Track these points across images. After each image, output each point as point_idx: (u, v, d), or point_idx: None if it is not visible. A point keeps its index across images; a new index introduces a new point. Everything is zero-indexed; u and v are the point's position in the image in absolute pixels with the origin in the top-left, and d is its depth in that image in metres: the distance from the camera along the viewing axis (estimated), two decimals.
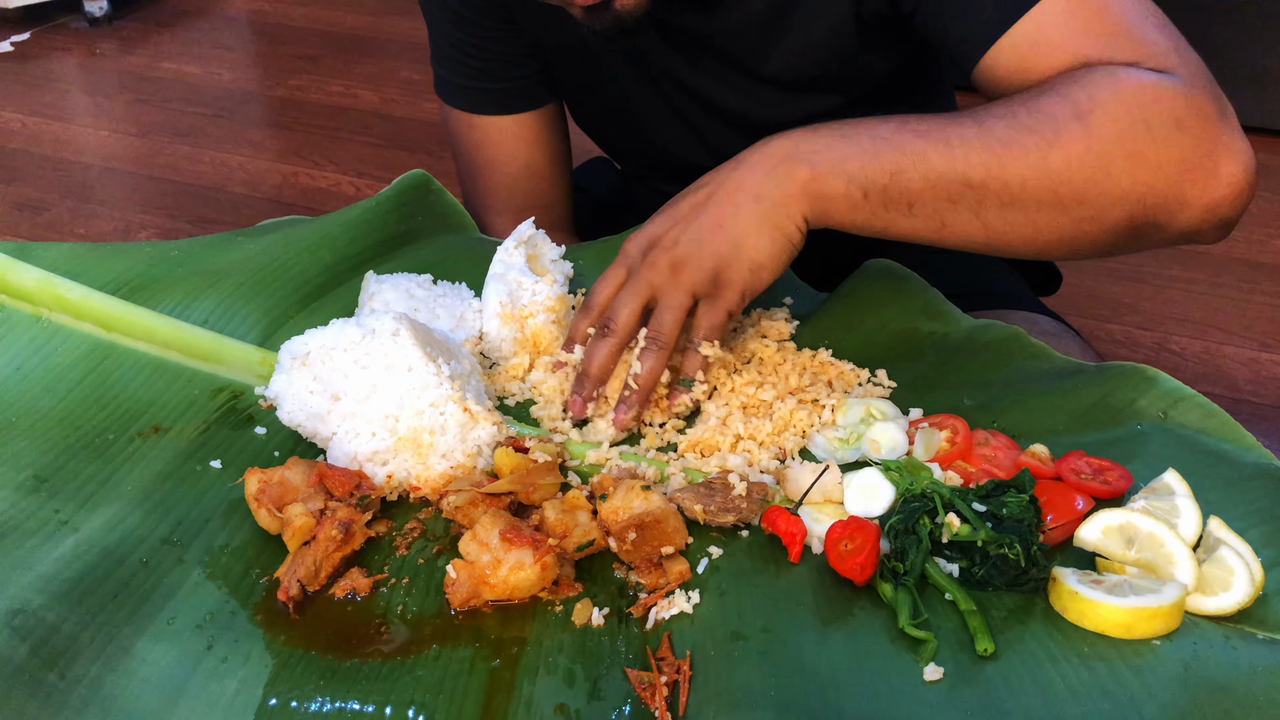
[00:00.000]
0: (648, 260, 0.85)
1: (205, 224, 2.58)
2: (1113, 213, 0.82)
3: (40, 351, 0.92)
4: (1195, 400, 0.84)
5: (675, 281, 0.84)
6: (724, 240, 0.82)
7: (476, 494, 0.76)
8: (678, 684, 0.65)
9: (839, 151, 0.83)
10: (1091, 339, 2.10)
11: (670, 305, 0.84)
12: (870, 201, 0.82)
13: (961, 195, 0.81)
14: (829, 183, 0.82)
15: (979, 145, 0.80)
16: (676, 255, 0.84)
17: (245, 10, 3.80)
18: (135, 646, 0.67)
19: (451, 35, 1.16)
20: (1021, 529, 0.70)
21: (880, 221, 0.84)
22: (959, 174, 0.80)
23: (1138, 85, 0.81)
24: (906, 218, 0.83)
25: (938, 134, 0.82)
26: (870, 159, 0.82)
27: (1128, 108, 0.80)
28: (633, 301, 0.85)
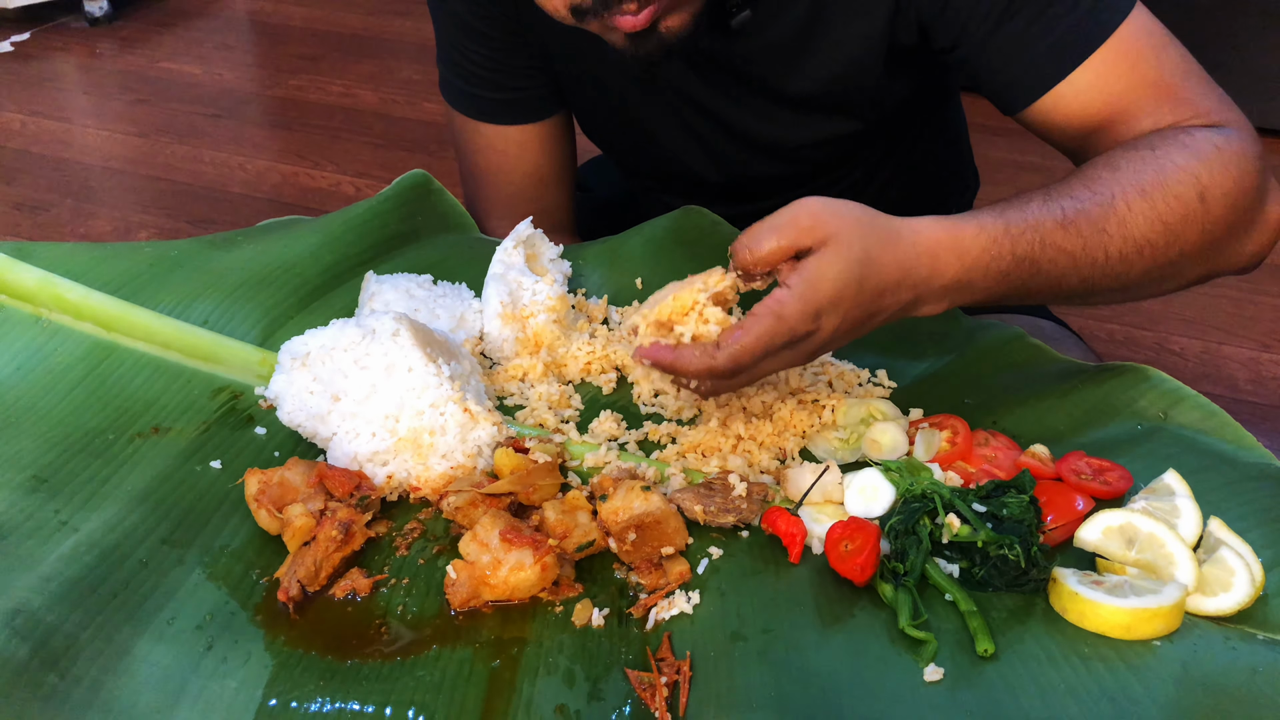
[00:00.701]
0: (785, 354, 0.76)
1: (205, 224, 2.58)
2: (1193, 274, 0.86)
3: (40, 351, 0.92)
4: (1195, 400, 0.84)
5: (804, 357, 0.77)
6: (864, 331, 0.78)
7: (476, 494, 0.76)
8: (678, 684, 0.65)
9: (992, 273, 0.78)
10: (1091, 339, 2.10)
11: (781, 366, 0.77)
12: (991, 298, 0.81)
13: (1077, 293, 0.83)
14: (972, 296, 0.79)
15: (1117, 257, 0.80)
16: (829, 343, 0.77)
17: (245, 10, 3.79)
18: (135, 647, 0.67)
19: (460, 43, 1.14)
20: (1021, 529, 0.70)
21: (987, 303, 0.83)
22: (1088, 286, 0.82)
23: (1237, 155, 0.82)
24: (1017, 298, 0.83)
25: (1084, 254, 0.79)
26: (1014, 283, 0.79)
27: (1234, 181, 0.82)
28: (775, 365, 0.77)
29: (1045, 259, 0.79)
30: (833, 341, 0.76)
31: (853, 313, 0.75)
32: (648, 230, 1.10)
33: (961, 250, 0.77)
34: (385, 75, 3.29)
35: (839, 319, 0.75)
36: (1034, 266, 0.79)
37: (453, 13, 1.13)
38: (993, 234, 0.78)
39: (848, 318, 0.75)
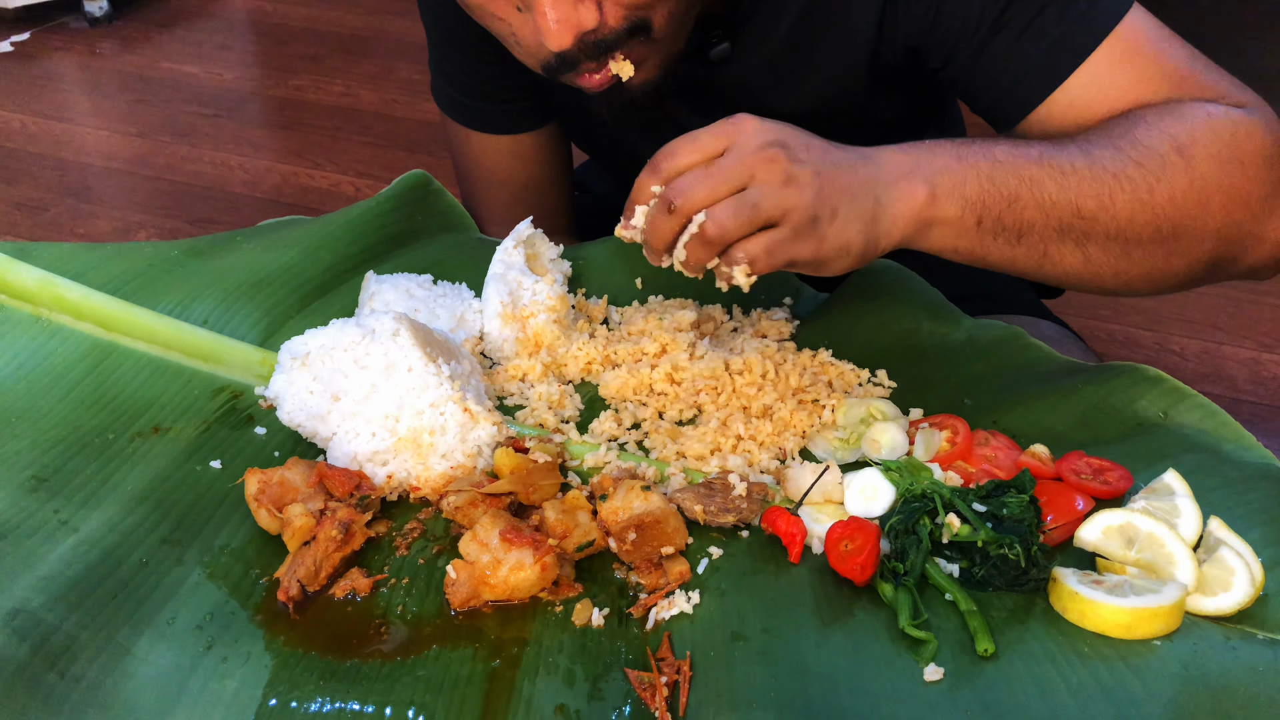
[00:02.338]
0: (765, 154, 0.73)
1: (205, 224, 2.58)
2: (1201, 248, 0.82)
3: (40, 351, 0.92)
4: (1195, 400, 0.84)
5: (779, 192, 0.73)
6: (840, 203, 0.75)
7: (476, 494, 0.76)
8: (678, 684, 0.65)
9: (957, 175, 0.78)
10: (1091, 339, 2.10)
11: (759, 206, 0.73)
12: (981, 229, 0.79)
13: (1071, 226, 0.80)
14: (944, 206, 0.78)
15: (1089, 175, 0.78)
16: (796, 173, 0.73)
17: (245, 10, 3.79)
18: (135, 646, 0.67)
19: (451, 55, 1.14)
20: (1021, 529, 0.70)
21: (983, 249, 0.80)
22: (1072, 203, 0.79)
23: (1230, 121, 0.81)
24: (1011, 246, 0.80)
25: (1051, 160, 0.79)
26: (988, 184, 0.78)
27: (1225, 144, 0.80)
28: (720, 188, 0.73)
29: (1011, 162, 0.78)
30: (810, 164, 0.74)
31: (808, 136, 0.75)
32: None
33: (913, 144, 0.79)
34: (385, 75, 3.29)
35: (798, 137, 0.74)
36: (999, 166, 0.78)
37: (441, 26, 1.12)
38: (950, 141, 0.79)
39: (803, 137, 0.75)
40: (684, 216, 0.74)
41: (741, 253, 0.74)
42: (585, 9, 0.80)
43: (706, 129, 0.76)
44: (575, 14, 0.80)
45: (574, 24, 0.80)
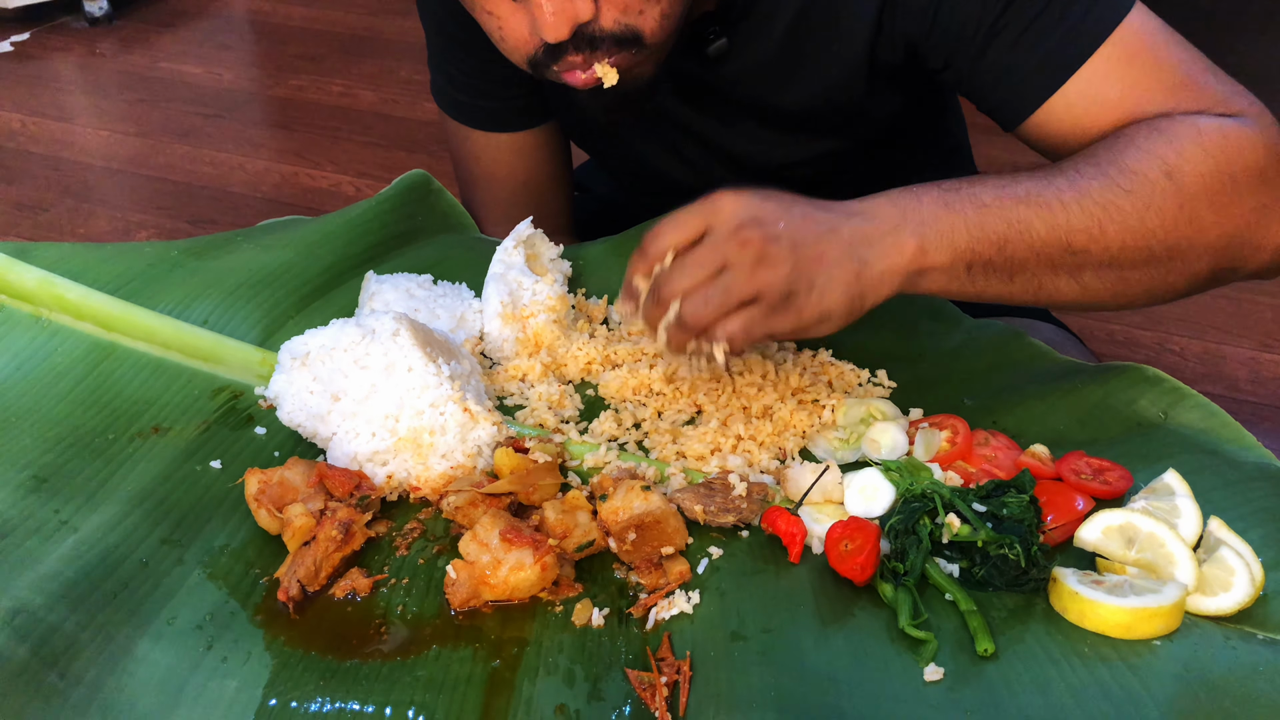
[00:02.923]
0: (738, 236, 0.75)
1: (205, 224, 2.58)
2: (1198, 264, 0.82)
3: (40, 351, 0.92)
4: (1195, 400, 0.84)
5: (751, 274, 0.75)
6: (819, 276, 0.76)
7: (476, 494, 0.76)
8: (678, 684, 0.65)
9: (945, 223, 0.78)
10: (1091, 339, 2.10)
11: (731, 292, 0.75)
12: (972, 273, 0.79)
13: (1063, 261, 0.80)
14: (934, 257, 0.78)
15: (1078, 210, 0.79)
16: (769, 252, 0.75)
17: (245, 10, 3.79)
18: (135, 646, 0.67)
19: (449, 52, 1.14)
20: (1022, 529, 0.70)
21: (975, 290, 0.81)
22: (1062, 241, 0.79)
23: (1220, 136, 0.81)
24: (1005, 285, 0.81)
25: (1039, 198, 0.79)
26: (977, 231, 0.78)
27: (1215, 162, 0.80)
28: (697, 275, 0.75)
29: (999, 206, 0.79)
30: (782, 240, 0.75)
31: (785, 205, 0.76)
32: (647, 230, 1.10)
33: (900, 193, 0.79)
34: (385, 75, 3.29)
35: (773, 210, 0.76)
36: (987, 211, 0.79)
37: (440, 24, 1.13)
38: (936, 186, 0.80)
39: (779, 208, 0.76)
40: (665, 305, 0.76)
41: (720, 332, 0.76)
42: (582, 1, 0.81)
43: (686, 210, 0.78)
44: (572, 5, 0.80)
45: (571, 15, 0.80)
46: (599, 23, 0.82)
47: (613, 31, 0.83)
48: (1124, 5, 0.86)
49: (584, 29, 0.82)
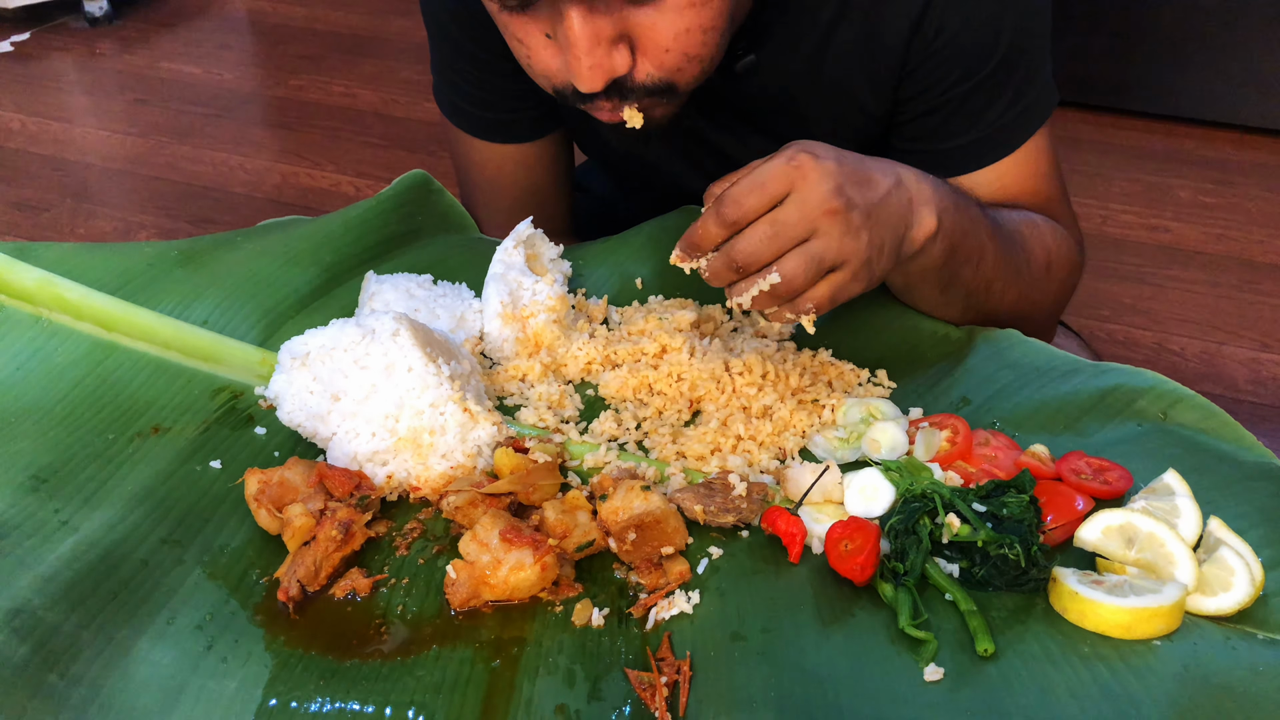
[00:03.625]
0: (828, 205, 0.75)
1: (205, 224, 2.58)
2: (1035, 318, 1.02)
3: (40, 351, 0.92)
4: (1195, 400, 0.84)
5: (841, 244, 0.76)
6: (887, 238, 0.80)
7: (476, 494, 0.76)
8: (678, 684, 0.65)
9: (954, 218, 0.85)
10: (1091, 339, 2.10)
11: (824, 260, 0.76)
12: (937, 273, 0.88)
13: (975, 293, 0.93)
14: (938, 244, 0.84)
15: (1007, 265, 0.94)
16: (853, 221, 0.76)
17: (245, 10, 3.79)
18: (135, 646, 0.67)
19: (456, 64, 1.12)
20: (1022, 529, 0.70)
21: (916, 286, 0.93)
22: (988, 280, 0.93)
23: (1067, 245, 1.02)
24: (935, 292, 0.93)
25: (996, 236, 0.92)
26: (972, 241, 0.88)
27: (1064, 262, 1.02)
28: (786, 247, 0.76)
29: (981, 229, 0.90)
30: (862, 207, 0.77)
31: (849, 167, 0.78)
32: (648, 230, 1.10)
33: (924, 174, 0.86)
34: (385, 75, 3.29)
35: (849, 176, 0.77)
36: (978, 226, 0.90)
37: (450, 39, 1.10)
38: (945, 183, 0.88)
39: (851, 171, 0.78)
40: (746, 269, 0.76)
41: (810, 303, 0.78)
42: (619, 54, 0.79)
43: (767, 166, 0.76)
44: (610, 60, 0.79)
45: (607, 70, 0.79)
46: (634, 77, 0.81)
47: (645, 85, 0.82)
48: (1041, 118, 1.00)
49: (618, 81, 0.81)
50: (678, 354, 0.91)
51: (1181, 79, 2.74)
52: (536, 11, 0.79)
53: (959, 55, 0.94)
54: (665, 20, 0.78)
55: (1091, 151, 2.73)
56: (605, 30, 0.77)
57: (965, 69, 0.94)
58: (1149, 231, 2.47)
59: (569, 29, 0.77)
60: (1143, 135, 2.81)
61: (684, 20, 0.79)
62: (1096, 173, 2.65)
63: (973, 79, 0.95)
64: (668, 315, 0.97)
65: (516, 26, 0.82)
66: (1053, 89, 1.01)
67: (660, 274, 1.05)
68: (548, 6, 0.78)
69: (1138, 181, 2.64)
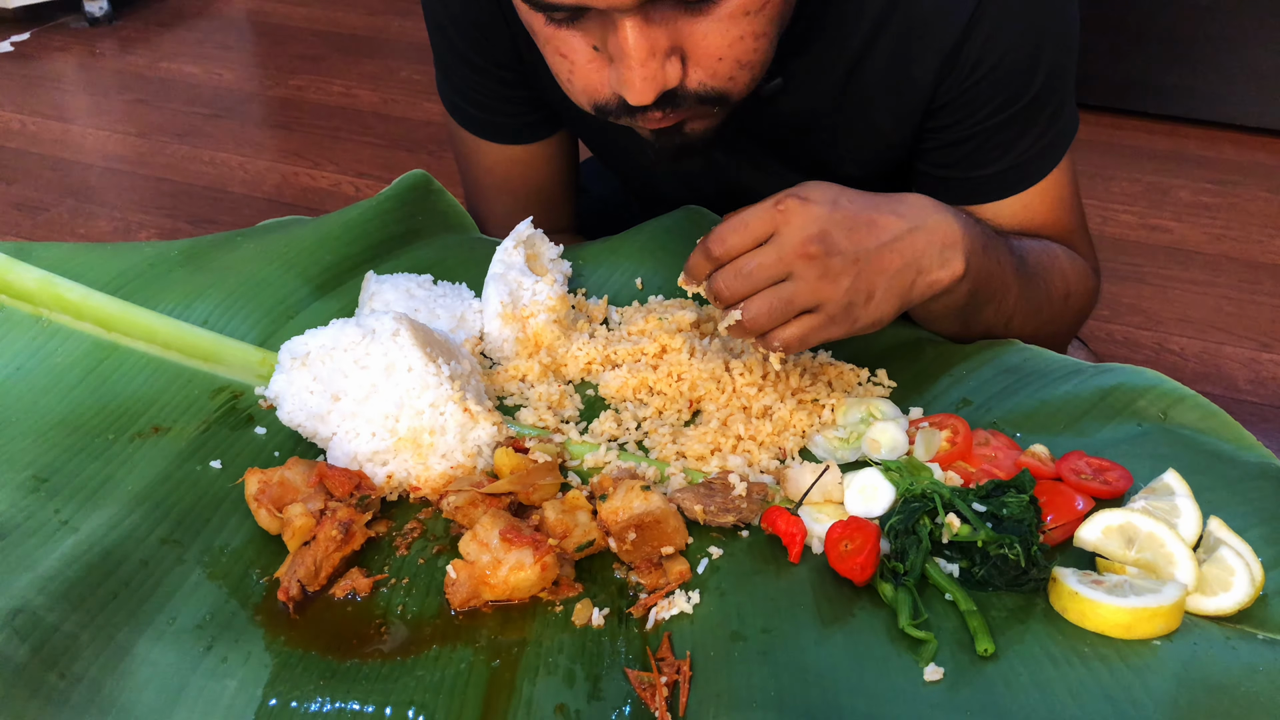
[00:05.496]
0: (805, 249, 0.76)
1: (205, 224, 2.57)
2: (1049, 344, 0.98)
3: (40, 351, 0.92)
4: (1195, 400, 0.84)
5: (814, 288, 0.77)
6: (879, 287, 0.79)
7: (476, 494, 0.76)
8: (678, 684, 0.65)
9: (982, 260, 0.85)
10: (1091, 339, 2.10)
11: (793, 303, 0.77)
12: (958, 312, 0.89)
13: (994, 329, 0.94)
14: (963, 286, 0.84)
15: (1026, 301, 0.94)
16: (833, 266, 0.77)
17: (245, 10, 3.79)
18: (135, 646, 0.67)
19: (457, 69, 1.11)
20: (1021, 529, 0.70)
21: (933, 319, 0.93)
22: (1008, 317, 0.93)
23: (1084, 274, 1.02)
24: (951, 324, 0.93)
25: (1021, 275, 0.92)
26: (994, 283, 0.88)
27: (1083, 304, 1.03)
28: (759, 284, 0.77)
29: (1005, 272, 0.90)
30: (846, 253, 0.77)
31: (845, 208, 0.79)
32: (648, 230, 1.10)
33: (953, 210, 0.85)
34: (385, 75, 3.28)
35: (838, 219, 0.78)
36: (1003, 270, 0.90)
37: (455, 48, 1.09)
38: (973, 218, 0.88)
39: (844, 214, 0.78)
40: (725, 304, 0.79)
41: (778, 341, 0.79)
42: (671, 66, 0.78)
43: (754, 211, 0.78)
44: (663, 72, 0.78)
45: (660, 82, 0.78)
46: (686, 85, 0.80)
47: (698, 93, 0.81)
48: (1062, 149, 0.99)
49: (669, 92, 0.80)
50: (678, 354, 0.91)
51: (1182, 79, 2.74)
52: (586, 24, 0.78)
53: (995, 88, 0.93)
54: (719, 29, 0.77)
55: (1092, 151, 2.73)
56: (660, 41, 0.76)
57: (1001, 102, 0.94)
58: (1149, 231, 2.47)
59: (623, 41, 0.75)
60: (1143, 135, 2.81)
61: (738, 28, 0.78)
62: (1097, 173, 2.65)
63: (1007, 111, 0.94)
64: (668, 315, 0.97)
65: (560, 40, 0.80)
66: (1076, 115, 1.01)
67: (660, 274, 1.05)
68: (598, 18, 0.77)
69: (1138, 182, 2.64)
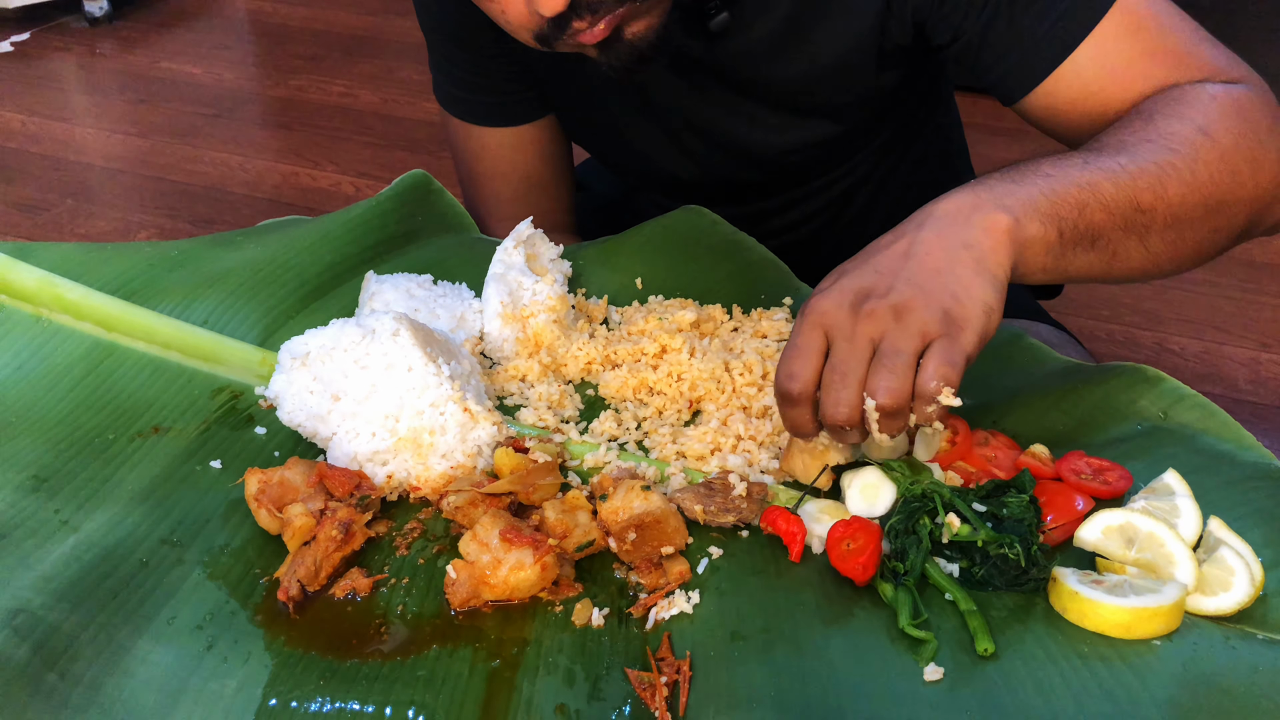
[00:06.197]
0: (864, 312, 0.71)
1: (205, 224, 2.58)
2: (1239, 217, 0.84)
3: (40, 351, 0.92)
4: (1195, 400, 0.84)
5: (902, 326, 0.71)
6: (949, 285, 0.72)
7: (476, 494, 0.76)
8: (678, 684, 0.65)
9: (1022, 195, 0.77)
10: (1091, 339, 2.10)
11: (901, 350, 0.70)
12: (1064, 240, 0.77)
13: (1133, 221, 0.80)
14: (1027, 227, 0.75)
15: (1138, 171, 0.80)
16: (898, 301, 0.71)
17: (245, 10, 3.79)
18: (135, 646, 0.67)
19: (447, 50, 1.17)
20: (1021, 529, 0.70)
21: (1065, 262, 0.79)
22: (1131, 199, 0.79)
23: (1232, 99, 0.84)
24: (1087, 253, 0.79)
25: (1097, 165, 0.80)
26: (1055, 197, 0.77)
27: (1237, 119, 0.83)
28: (860, 368, 0.71)
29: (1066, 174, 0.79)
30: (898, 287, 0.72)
31: (865, 265, 0.74)
32: (648, 230, 1.10)
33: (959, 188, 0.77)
34: (385, 75, 3.29)
35: (864, 275, 0.73)
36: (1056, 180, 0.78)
37: (437, 21, 1.14)
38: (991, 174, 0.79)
39: (868, 269, 0.74)
40: (852, 419, 0.71)
41: (929, 385, 0.70)
42: None
43: (792, 339, 0.74)
44: None
45: None
46: None
47: None
48: None
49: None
50: (678, 354, 0.91)
51: None
52: None
53: None
54: None
55: None
56: None
57: None
58: None
59: None
60: None
61: None
62: None
63: None
64: (668, 315, 0.97)
65: None
66: None
67: (660, 274, 1.05)
68: None
69: None
